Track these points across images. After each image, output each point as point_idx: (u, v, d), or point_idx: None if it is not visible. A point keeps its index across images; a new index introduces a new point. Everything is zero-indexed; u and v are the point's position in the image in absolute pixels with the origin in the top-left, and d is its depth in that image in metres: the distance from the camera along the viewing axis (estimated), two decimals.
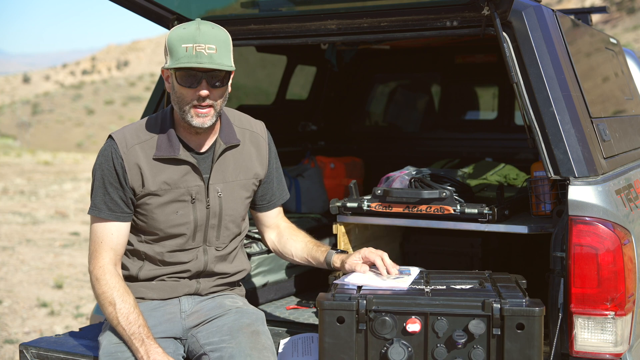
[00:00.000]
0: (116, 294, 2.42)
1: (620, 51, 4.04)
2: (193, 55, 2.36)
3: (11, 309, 6.79)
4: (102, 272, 2.46)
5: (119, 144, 2.49)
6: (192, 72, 2.38)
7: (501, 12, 2.68)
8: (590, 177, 2.53)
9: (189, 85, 2.40)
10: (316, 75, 5.14)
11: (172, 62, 2.39)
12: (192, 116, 2.43)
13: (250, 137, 2.67)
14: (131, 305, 2.43)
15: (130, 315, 2.41)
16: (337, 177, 4.76)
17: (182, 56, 2.37)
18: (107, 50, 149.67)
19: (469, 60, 5.15)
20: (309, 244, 2.73)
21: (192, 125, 2.45)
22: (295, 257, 2.75)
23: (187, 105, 2.42)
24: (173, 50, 2.39)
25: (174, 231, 2.54)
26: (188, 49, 2.36)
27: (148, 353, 2.36)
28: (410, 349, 2.34)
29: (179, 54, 2.37)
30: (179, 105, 2.45)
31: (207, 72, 2.39)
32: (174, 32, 2.41)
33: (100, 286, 2.45)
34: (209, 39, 2.38)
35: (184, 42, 2.37)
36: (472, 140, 5.03)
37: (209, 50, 2.37)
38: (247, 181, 2.64)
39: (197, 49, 2.36)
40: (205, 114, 2.43)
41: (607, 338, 2.46)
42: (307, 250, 2.72)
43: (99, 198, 2.50)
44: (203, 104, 2.42)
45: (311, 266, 2.75)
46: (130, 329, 2.39)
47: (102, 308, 2.46)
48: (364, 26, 3.00)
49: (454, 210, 2.91)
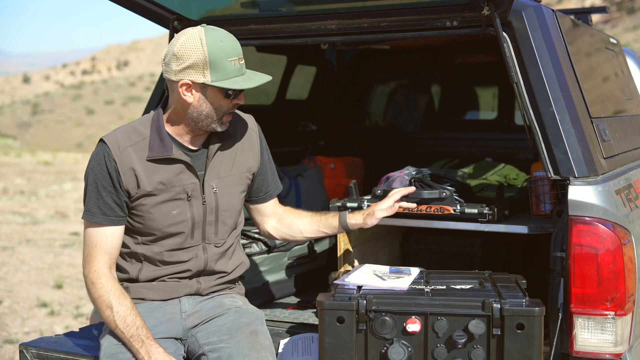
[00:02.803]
0: (112, 296, 2.42)
1: (620, 51, 4.04)
2: (239, 69, 2.44)
3: (11, 309, 6.79)
4: (97, 275, 2.45)
5: (111, 147, 2.48)
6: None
7: (501, 12, 2.68)
8: (590, 177, 2.53)
9: (234, 97, 2.47)
10: (316, 75, 5.14)
11: (219, 78, 2.40)
12: (221, 123, 2.50)
13: (242, 131, 2.68)
14: (128, 307, 2.42)
15: (128, 317, 2.40)
16: (337, 177, 4.76)
17: (230, 71, 2.41)
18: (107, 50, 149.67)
19: (469, 60, 5.15)
20: (314, 216, 2.78)
21: (213, 131, 2.52)
22: (304, 233, 2.77)
23: (222, 114, 2.48)
24: (219, 66, 2.39)
25: (172, 230, 2.54)
26: (234, 63, 2.42)
27: (149, 354, 2.36)
28: (410, 349, 2.35)
29: (227, 69, 2.40)
30: (209, 116, 2.47)
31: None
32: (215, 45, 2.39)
33: (96, 290, 2.45)
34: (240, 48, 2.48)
35: (229, 56, 2.41)
36: (472, 140, 5.03)
37: (242, 61, 2.47)
38: (241, 175, 2.65)
39: (240, 62, 2.45)
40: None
41: (607, 338, 2.46)
42: (316, 222, 2.76)
43: (92, 202, 2.49)
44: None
45: (326, 236, 2.79)
46: (129, 332, 2.39)
47: (100, 312, 2.46)
48: (364, 26, 3.00)
49: (454, 210, 2.91)
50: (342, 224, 2.70)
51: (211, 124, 2.48)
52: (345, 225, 2.70)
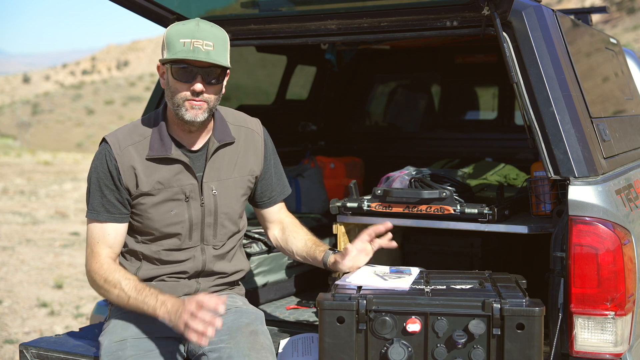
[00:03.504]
0: (118, 275, 2.43)
1: (620, 51, 4.04)
2: (190, 50, 2.37)
3: (11, 309, 6.79)
4: (100, 264, 2.47)
5: (112, 146, 2.49)
6: (188, 67, 2.39)
7: (501, 12, 2.68)
8: (590, 177, 2.53)
9: (185, 80, 2.41)
10: (316, 75, 5.14)
11: (168, 55, 2.40)
12: (185, 109, 2.43)
13: (246, 134, 2.67)
14: (136, 280, 2.42)
15: (138, 284, 2.40)
16: (337, 177, 4.76)
17: (179, 50, 2.37)
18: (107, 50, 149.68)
19: (469, 60, 5.15)
20: (308, 242, 2.73)
21: (185, 120, 2.45)
22: (295, 254, 2.75)
23: (181, 99, 2.43)
24: (170, 45, 2.40)
25: (170, 230, 2.54)
26: (186, 43, 2.37)
27: (164, 303, 2.32)
28: (410, 349, 2.34)
29: (176, 48, 2.38)
30: (172, 100, 2.45)
31: (202, 68, 2.40)
32: (173, 27, 2.43)
33: (100, 276, 2.45)
34: (207, 36, 2.40)
35: (182, 37, 2.38)
36: (472, 140, 5.03)
37: (206, 47, 2.38)
38: (242, 178, 2.64)
39: (195, 44, 2.37)
40: (199, 106, 2.43)
41: (607, 338, 2.46)
42: (307, 249, 2.71)
43: (96, 201, 2.50)
44: (197, 98, 2.42)
45: (310, 264, 2.75)
46: (141, 294, 2.37)
47: (109, 295, 2.45)
48: (364, 26, 3.00)
49: (454, 210, 2.91)
50: (323, 260, 2.65)
51: (178, 110, 2.44)
52: (325, 263, 2.64)
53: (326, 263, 2.64)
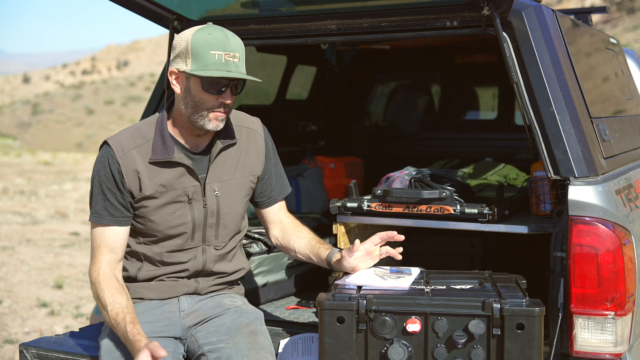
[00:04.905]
0: (107, 295, 2.42)
1: (620, 51, 4.04)
2: (223, 64, 2.37)
3: (11, 309, 6.79)
4: (96, 275, 2.47)
5: (115, 149, 2.49)
6: (220, 80, 2.40)
7: (501, 12, 2.68)
8: (590, 177, 2.53)
9: (215, 92, 2.41)
10: (316, 75, 5.14)
11: (198, 67, 2.38)
12: (209, 120, 2.44)
13: (247, 134, 2.67)
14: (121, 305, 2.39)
15: (120, 313, 2.38)
16: (337, 177, 4.76)
17: (211, 63, 2.37)
18: (107, 50, 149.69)
19: (469, 60, 5.15)
20: (312, 240, 2.72)
21: (203, 129, 2.46)
22: (298, 253, 2.74)
23: (206, 111, 2.43)
24: (198, 55, 2.37)
25: (173, 232, 2.54)
26: (217, 56, 2.37)
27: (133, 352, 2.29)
28: (410, 349, 2.34)
29: (207, 60, 2.37)
30: (194, 109, 2.44)
31: (232, 80, 2.42)
32: (198, 35, 2.39)
33: (95, 290, 2.46)
34: (235, 48, 2.41)
35: (212, 48, 2.37)
36: (472, 140, 5.03)
37: (235, 60, 2.40)
38: (244, 179, 2.64)
39: (226, 57, 2.38)
40: (223, 118, 2.46)
41: (607, 338, 2.46)
42: (310, 247, 2.70)
43: (99, 204, 2.50)
44: (223, 110, 2.44)
45: (313, 263, 2.74)
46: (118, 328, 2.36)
47: (100, 310, 2.47)
48: (364, 26, 3.00)
49: (454, 210, 2.91)
50: (327, 258, 2.63)
51: (198, 120, 2.44)
52: (330, 261, 2.63)
53: (330, 261, 2.62)
